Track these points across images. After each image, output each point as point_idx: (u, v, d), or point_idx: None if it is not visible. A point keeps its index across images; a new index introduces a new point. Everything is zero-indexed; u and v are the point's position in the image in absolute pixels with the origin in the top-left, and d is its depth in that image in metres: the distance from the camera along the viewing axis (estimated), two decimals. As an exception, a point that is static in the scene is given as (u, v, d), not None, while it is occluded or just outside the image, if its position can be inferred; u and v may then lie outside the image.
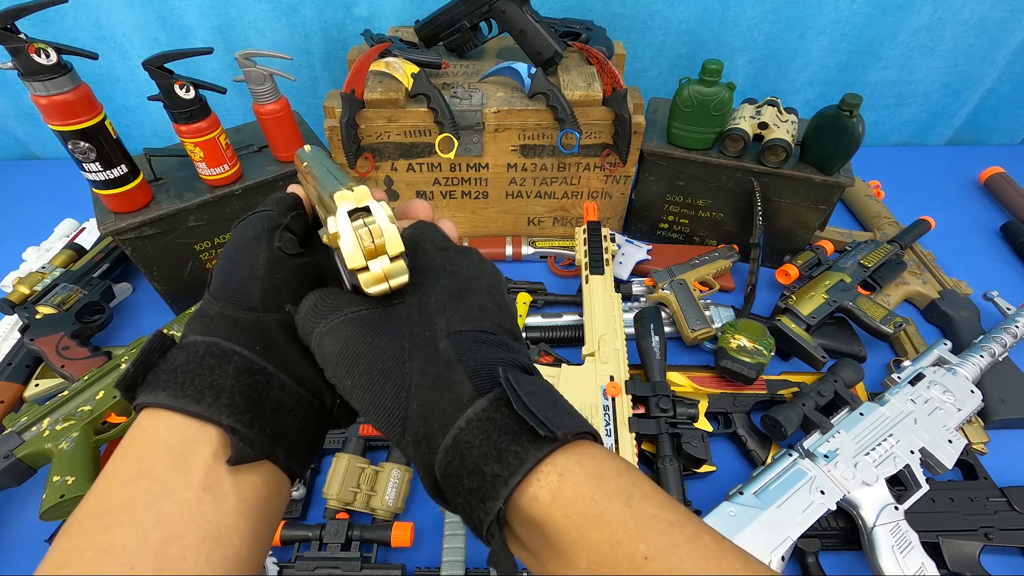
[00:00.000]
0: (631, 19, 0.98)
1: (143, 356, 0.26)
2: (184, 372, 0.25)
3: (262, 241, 0.29)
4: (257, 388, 0.25)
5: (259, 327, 0.27)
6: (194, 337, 0.26)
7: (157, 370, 0.25)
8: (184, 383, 0.24)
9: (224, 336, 0.26)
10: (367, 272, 0.25)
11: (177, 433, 0.24)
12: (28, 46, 0.56)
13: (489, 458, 0.22)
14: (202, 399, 0.24)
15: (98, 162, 0.64)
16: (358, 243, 0.25)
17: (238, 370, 0.25)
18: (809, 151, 0.78)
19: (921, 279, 0.85)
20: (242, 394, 0.25)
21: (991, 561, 0.57)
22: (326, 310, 0.26)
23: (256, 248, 0.28)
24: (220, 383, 0.25)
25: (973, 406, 0.65)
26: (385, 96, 0.75)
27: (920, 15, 0.96)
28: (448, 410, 0.24)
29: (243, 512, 0.24)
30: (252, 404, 0.25)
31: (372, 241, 0.25)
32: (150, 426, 0.24)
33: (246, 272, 0.28)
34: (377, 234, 0.25)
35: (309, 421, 0.28)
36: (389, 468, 0.62)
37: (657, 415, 0.64)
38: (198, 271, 0.80)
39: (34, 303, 0.76)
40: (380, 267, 0.25)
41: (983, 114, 1.15)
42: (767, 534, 0.53)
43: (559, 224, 0.93)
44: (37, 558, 0.60)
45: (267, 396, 0.26)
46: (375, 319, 0.26)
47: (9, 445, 0.59)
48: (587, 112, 0.76)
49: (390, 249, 0.25)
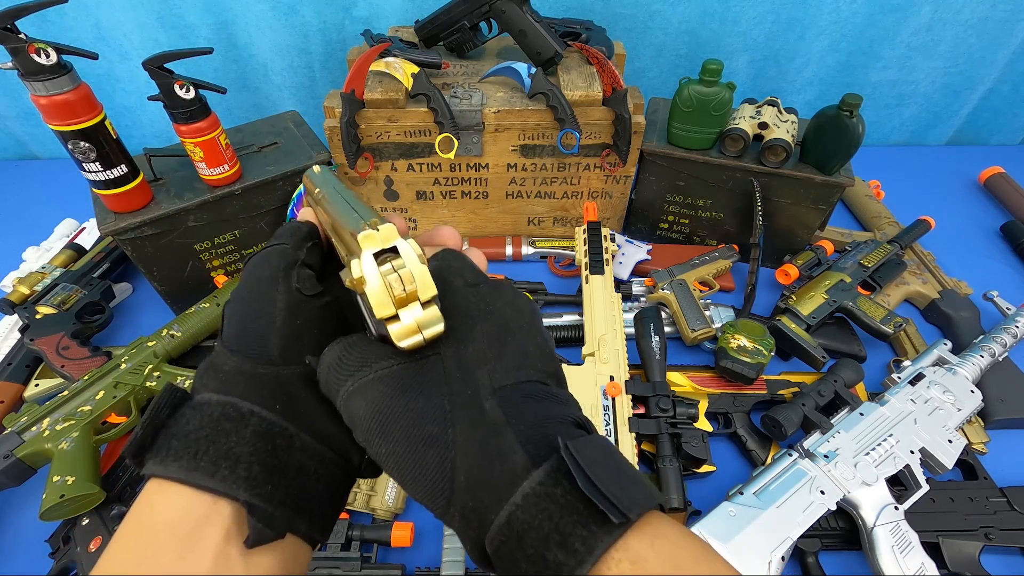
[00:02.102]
0: (631, 19, 0.98)
1: (154, 415, 0.23)
2: (197, 439, 0.22)
3: (278, 282, 0.26)
4: (277, 453, 0.23)
5: (279, 382, 0.24)
6: (208, 395, 0.24)
7: (168, 433, 0.23)
8: (197, 452, 0.22)
9: (240, 395, 0.23)
10: (398, 324, 0.22)
11: (185, 512, 0.22)
12: (28, 46, 0.56)
13: (551, 543, 0.20)
14: (217, 471, 0.22)
15: (98, 162, 0.64)
16: (387, 291, 0.22)
17: (256, 434, 0.23)
18: (809, 151, 0.78)
19: (921, 279, 0.85)
20: (260, 463, 0.22)
21: (991, 561, 0.57)
22: (352, 366, 0.23)
23: (272, 291, 0.26)
24: (237, 451, 0.22)
25: (973, 406, 0.65)
26: (385, 96, 0.75)
27: (920, 15, 0.96)
28: (501, 483, 0.21)
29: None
30: (272, 473, 0.23)
31: (403, 288, 0.22)
32: (158, 502, 0.22)
33: (263, 320, 0.25)
34: (408, 280, 0.22)
35: (334, 483, 0.25)
36: (389, 468, 0.62)
37: (657, 415, 0.64)
38: (198, 271, 0.80)
39: (34, 303, 0.76)
40: (412, 317, 0.22)
41: (983, 114, 1.15)
42: (767, 534, 0.53)
43: (559, 224, 0.93)
44: (37, 558, 0.61)
45: (289, 461, 0.23)
46: (409, 376, 0.23)
47: (9, 445, 0.59)
48: (587, 112, 0.76)
49: (422, 294, 0.22)
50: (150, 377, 0.67)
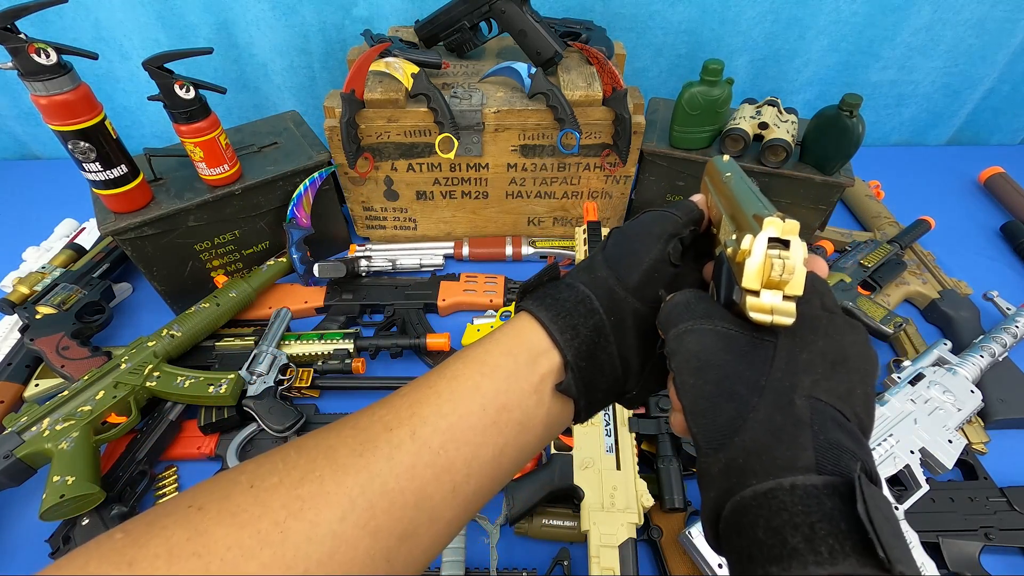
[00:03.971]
0: (631, 19, 0.98)
1: (544, 275, 0.33)
2: (562, 304, 0.31)
3: (660, 241, 0.32)
4: (596, 347, 0.30)
5: (622, 306, 0.31)
6: (579, 283, 0.32)
7: (545, 291, 0.32)
8: (559, 313, 0.30)
9: (597, 297, 0.31)
10: (757, 298, 0.25)
11: (539, 341, 0.30)
12: (28, 46, 0.56)
13: (800, 533, 0.21)
14: (564, 332, 0.30)
15: (98, 162, 0.65)
16: (764, 269, 0.25)
17: (593, 327, 0.30)
18: (809, 151, 0.78)
19: (921, 279, 0.85)
20: (587, 345, 0.30)
21: (991, 561, 0.57)
22: (699, 313, 0.28)
23: (653, 245, 0.32)
24: (579, 329, 0.30)
25: (973, 406, 0.65)
26: (385, 96, 0.75)
27: (920, 15, 0.96)
28: (777, 463, 0.23)
29: (544, 424, 0.30)
30: (588, 356, 0.30)
31: (780, 274, 0.25)
32: (526, 326, 0.31)
33: (636, 259, 0.32)
34: (788, 270, 0.25)
35: (609, 392, 0.32)
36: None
37: (657, 415, 0.64)
38: (198, 271, 0.80)
39: (34, 303, 0.76)
40: (771, 300, 0.25)
41: (983, 114, 1.15)
42: (767, 534, 0.53)
43: (559, 224, 0.93)
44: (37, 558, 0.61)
45: (598, 357, 0.30)
46: (742, 344, 0.26)
47: (9, 445, 0.59)
48: (587, 112, 0.77)
49: (789, 289, 0.25)
50: (150, 377, 0.67)
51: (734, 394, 0.25)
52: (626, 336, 0.31)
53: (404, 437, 0.26)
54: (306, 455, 0.25)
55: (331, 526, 0.23)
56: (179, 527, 0.22)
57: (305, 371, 0.74)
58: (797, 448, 0.23)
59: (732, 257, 0.26)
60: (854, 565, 0.20)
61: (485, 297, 0.83)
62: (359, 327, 0.82)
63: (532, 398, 0.29)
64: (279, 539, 0.22)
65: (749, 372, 0.25)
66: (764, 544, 0.22)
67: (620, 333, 0.31)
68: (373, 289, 0.85)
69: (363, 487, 0.24)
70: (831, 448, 0.23)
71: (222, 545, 0.21)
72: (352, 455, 0.25)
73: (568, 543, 0.59)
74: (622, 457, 0.60)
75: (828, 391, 0.25)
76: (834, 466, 0.23)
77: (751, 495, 0.23)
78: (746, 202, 0.29)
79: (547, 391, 0.30)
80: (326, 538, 0.23)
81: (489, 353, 0.30)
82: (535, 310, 0.31)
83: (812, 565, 0.20)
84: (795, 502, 0.22)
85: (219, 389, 0.66)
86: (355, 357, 0.74)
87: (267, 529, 0.22)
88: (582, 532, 0.56)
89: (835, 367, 0.26)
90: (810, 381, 0.25)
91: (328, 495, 0.24)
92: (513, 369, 0.29)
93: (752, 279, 0.25)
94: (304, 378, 0.73)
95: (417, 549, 0.26)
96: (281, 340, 0.75)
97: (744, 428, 0.24)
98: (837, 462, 0.23)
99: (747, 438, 0.24)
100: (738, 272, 0.26)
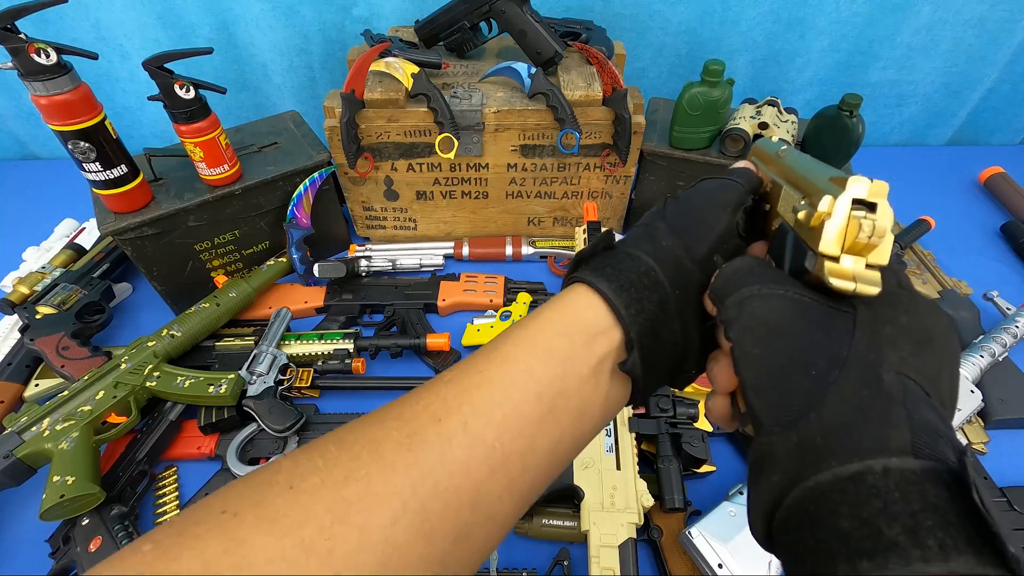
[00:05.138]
0: (631, 19, 0.98)
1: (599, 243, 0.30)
2: (625, 276, 0.28)
3: (728, 210, 0.30)
4: (659, 323, 0.28)
5: (688, 278, 0.29)
6: (641, 253, 0.29)
7: (603, 259, 0.29)
8: (623, 285, 0.28)
9: (662, 268, 0.29)
10: (837, 264, 0.23)
11: (597, 317, 0.28)
12: (28, 46, 0.56)
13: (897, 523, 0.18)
14: (629, 306, 0.27)
15: (98, 162, 0.64)
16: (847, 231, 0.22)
17: (658, 301, 0.28)
18: (809, 151, 0.78)
19: (921, 279, 0.85)
20: (651, 321, 0.28)
21: (991, 561, 0.57)
22: (766, 278, 0.25)
23: (721, 214, 0.30)
24: (643, 303, 0.28)
25: (973, 406, 0.65)
26: (385, 96, 0.75)
27: (920, 15, 0.96)
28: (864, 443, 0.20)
29: (602, 409, 0.28)
30: (651, 333, 0.28)
31: (868, 237, 0.22)
32: (582, 299, 0.28)
33: (705, 229, 0.30)
34: (880, 232, 0.22)
35: (668, 370, 0.30)
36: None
37: (657, 415, 0.64)
38: (198, 271, 0.80)
39: (34, 303, 0.76)
40: (853, 266, 0.23)
41: (983, 114, 1.15)
42: (767, 534, 0.53)
43: (559, 224, 0.93)
44: (37, 558, 0.60)
45: (662, 334, 0.28)
46: (818, 312, 0.23)
47: (9, 445, 0.59)
48: (587, 112, 0.76)
49: (875, 256, 0.22)
50: (150, 377, 0.67)
51: (810, 365, 0.22)
52: (690, 311, 0.29)
53: (456, 429, 0.24)
54: (348, 450, 0.23)
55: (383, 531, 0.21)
56: (213, 537, 0.20)
57: (305, 371, 0.74)
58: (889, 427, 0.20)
59: (804, 223, 0.24)
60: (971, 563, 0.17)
61: (485, 297, 0.83)
62: (359, 327, 0.82)
63: (590, 383, 0.27)
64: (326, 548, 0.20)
65: (828, 343, 0.22)
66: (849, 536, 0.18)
67: (684, 308, 0.29)
68: (373, 289, 0.85)
69: (414, 486, 0.22)
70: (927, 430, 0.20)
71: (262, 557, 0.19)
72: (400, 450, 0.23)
73: (568, 543, 0.59)
74: (622, 457, 0.60)
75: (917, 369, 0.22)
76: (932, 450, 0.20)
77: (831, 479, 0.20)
78: (814, 169, 0.26)
79: (605, 373, 0.27)
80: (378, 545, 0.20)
81: (542, 333, 0.28)
82: (596, 281, 0.28)
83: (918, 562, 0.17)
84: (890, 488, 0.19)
85: (219, 389, 0.66)
86: (355, 357, 0.74)
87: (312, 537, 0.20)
88: (582, 532, 0.56)
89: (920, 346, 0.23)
90: (897, 356, 0.22)
91: (377, 496, 0.21)
92: (570, 351, 0.27)
93: (832, 243, 0.22)
94: (304, 378, 0.73)
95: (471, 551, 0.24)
96: (281, 340, 0.75)
97: (823, 403, 0.21)
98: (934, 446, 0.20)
99: (827, 414, 0.21)
100: (812, 237, 0.23)
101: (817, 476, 0.20)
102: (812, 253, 0.23)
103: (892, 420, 0.20)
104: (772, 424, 0.22)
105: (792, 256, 0.25)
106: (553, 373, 0.26)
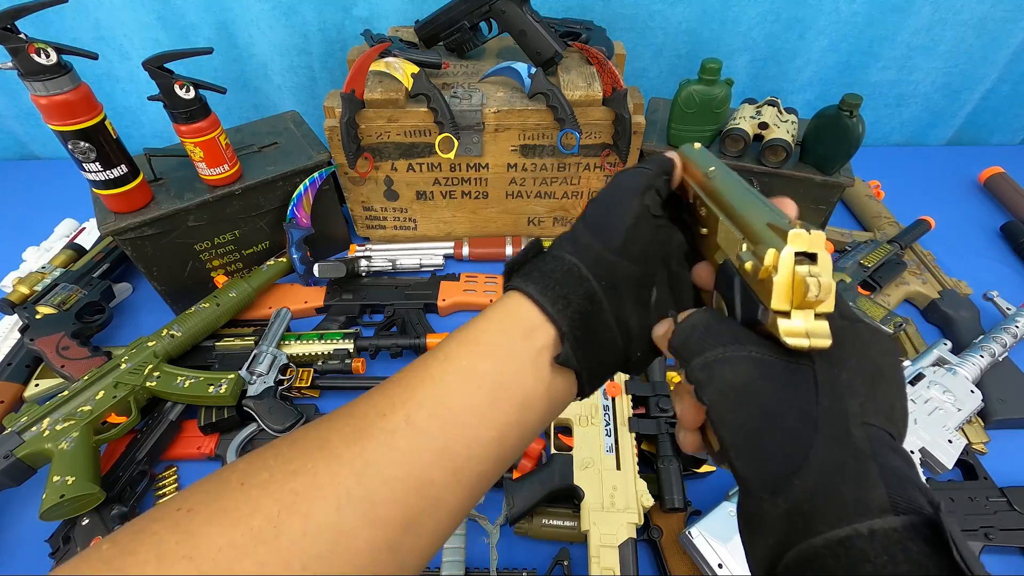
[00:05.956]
0: (631, 19, 0.98)
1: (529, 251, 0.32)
2: (550, 277, 0.30)
3: (636, 194, 0.31)
4: (590, 315, 0.29)
5: (612, 269, 0.30)
6: (563, 254, 0.31)
7: (531, 266, 0.31)
8: (548, 285, 0.29)
9: (585, 264, 0.30)
10: (788, 322, 0.23)
11: (530, 316, 0.29)
12: (28, 46, 0.56)
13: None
14: (555, 303, 0.29)
15: (98, 162, 0.65)
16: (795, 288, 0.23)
17: (584, 295, 0.29)
18: (809, 151, 0.78)
19: (921, 279, 0.85)
20: (580, 314, 0.29)
21: (991, 561, 0.57)
22: (725, 337, 0.26)
23: (630, 200, 0.31)
24: (570, 298, 0.29)
25: (973, 406, 0.65)
26: (385, 96, 0.75)
27: (920, 15, 0.96)
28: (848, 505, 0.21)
29: (546, 401, 0.29)
30: (583, 326, 0.29)
31: (816, 295, 0.23)
32: (514, 304, 0.30)
33: (616, 218, 0.31)
34: (826, 290, 0.23)
35: (611, 360, 0.31)
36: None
37: (657, 415, 0.64)
38: (198, 271, 0.80)
39: (34, 303, 0.76)
40: (803, 321, 0.23)
41: (983, 114, 1.15)
42: (767, 534, 0.53)
43: (559, 224, 0.93)
44: (37, 558, 0.60)
45: (594, 325, 0.29)
46: (780, 370, 0.24)
47: (9, 445, 0.59)
48: (587, 112, 0.77)
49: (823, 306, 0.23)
50: (150, 377, 0.67)
51: (786, 429, 0.23)
52: (621, 300, 0.30)
53: (399, 422, 0.25)
54: (299, 448, 0.24)
55: (328, 518, 0.22)
56: (168, 531, 0.21)
57: (305, 371, 0.74)
58: (867, 486, 0.21)
59: (752, 273, 0.25)
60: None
61: (485, 297, 0.83)
62: (359, 327, 0.82)
63: (530, 375, 0.28)
64: (273, 535, 0.21)
65: (795, 399, 0.24)
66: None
67: (614, 297, 0.30)
68: (373, 289, 0.85)
69: (359, 476, 0.23)
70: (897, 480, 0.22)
71: (214, 546, 0.21)
72: (346, 444, 0.24)
73: (568, 543, 0.59)
74: (622, 457, 0.60)
75: (875, 412, 0.24)
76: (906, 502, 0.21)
77: (822, 544, 0.21)
78: (749, 206, 0.27)
79: (545, 366, 0.29)
80: (324, 531, 0.22)
81: (483, 332, 0.29)
82: (523, 285, 0.30)
83: None
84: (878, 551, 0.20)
85: (219, 389, 0.66)
86: (355, 357, 0.74)
87: (260, 526, 0.21)
88: (582, 532, 0.56)
89: (874, 385, 0.24)
90: (858, 405, 0.24)
91: (323, 487, 0.23)
92: (508, 346, 0.28)
93: (782, 300, 0.23)
94: (304, 378, 0.73)
95: (422, 538, 0.25)
96: (281, 340, 0.75)
97: (806, 467, 0.22)
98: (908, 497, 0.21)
99: (810, 480, 0.22)
100: (761, 290, 0.24)
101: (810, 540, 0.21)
102: (763, 308, 0.24)
103: (870, 479, 0.22)
104: (758, 490, 0.23)
105: (743, 305, 0.26)
106: (494, 367, 0.28)
